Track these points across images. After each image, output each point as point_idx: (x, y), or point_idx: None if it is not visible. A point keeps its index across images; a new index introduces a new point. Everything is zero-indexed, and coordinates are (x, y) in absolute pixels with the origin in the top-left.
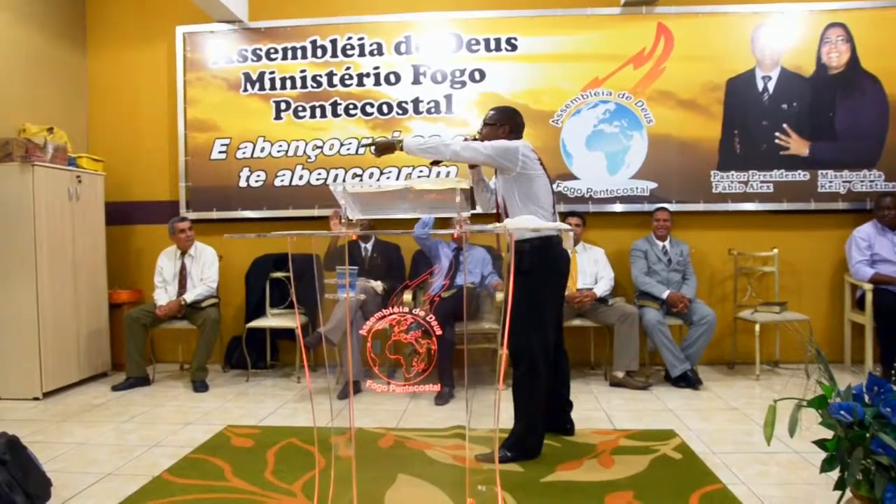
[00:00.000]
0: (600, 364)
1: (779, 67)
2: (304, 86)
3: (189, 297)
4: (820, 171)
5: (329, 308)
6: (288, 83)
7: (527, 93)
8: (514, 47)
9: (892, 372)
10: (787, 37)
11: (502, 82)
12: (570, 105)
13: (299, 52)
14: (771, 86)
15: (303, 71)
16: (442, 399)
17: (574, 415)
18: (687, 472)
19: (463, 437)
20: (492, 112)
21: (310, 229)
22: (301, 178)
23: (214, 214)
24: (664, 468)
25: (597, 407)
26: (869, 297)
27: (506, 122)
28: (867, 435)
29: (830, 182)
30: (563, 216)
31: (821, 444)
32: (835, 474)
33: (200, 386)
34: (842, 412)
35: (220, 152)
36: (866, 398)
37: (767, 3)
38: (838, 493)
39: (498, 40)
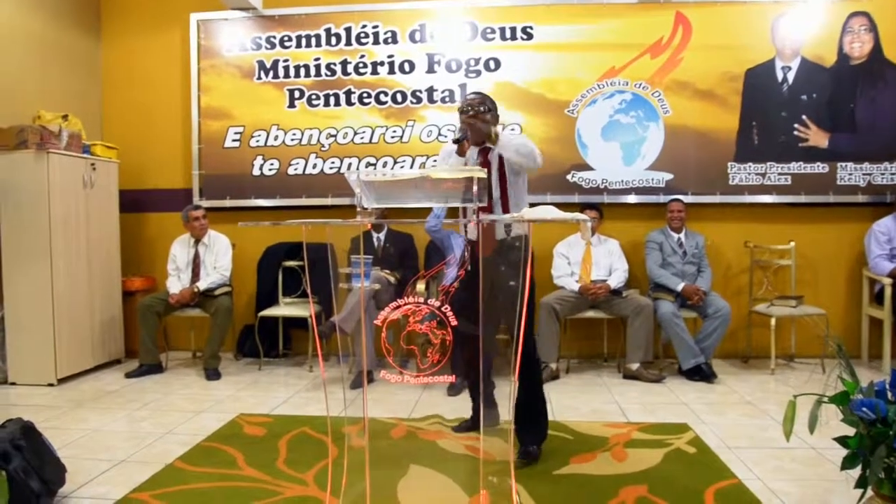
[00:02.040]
0: (614, 356)
1: (799, 57)
2: (318, 74)
3: (202, 285)
4: (839, 164)
5: (342, 297)
6: (302, 71)
7: (542, 82)
8: (529, 36)
9: None
10: (808, 26)
11: (517, 71)
12: (585, 95)
13: (313, 40)
14: (791, 76)
15: (317, 59)
16: (455, 390)
17: (587, 407)
18: (701, 466)
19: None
20: (478, 95)
21: (323, 218)
22: (315, 166)
23: (228, 203)
24: (678, 462)
25: (610, 399)
26: (888, 291)
27: (496, 110)
28: (890, 433)
29: (850, 175)
30: (581, 208)
31: (842, 440)
32: (855, 472)
33: (213, 374)
34: (864, 409)
35: (234, 140)
36: (889, 395)
37: None
38: (857, 490)
39: (513, 29)
